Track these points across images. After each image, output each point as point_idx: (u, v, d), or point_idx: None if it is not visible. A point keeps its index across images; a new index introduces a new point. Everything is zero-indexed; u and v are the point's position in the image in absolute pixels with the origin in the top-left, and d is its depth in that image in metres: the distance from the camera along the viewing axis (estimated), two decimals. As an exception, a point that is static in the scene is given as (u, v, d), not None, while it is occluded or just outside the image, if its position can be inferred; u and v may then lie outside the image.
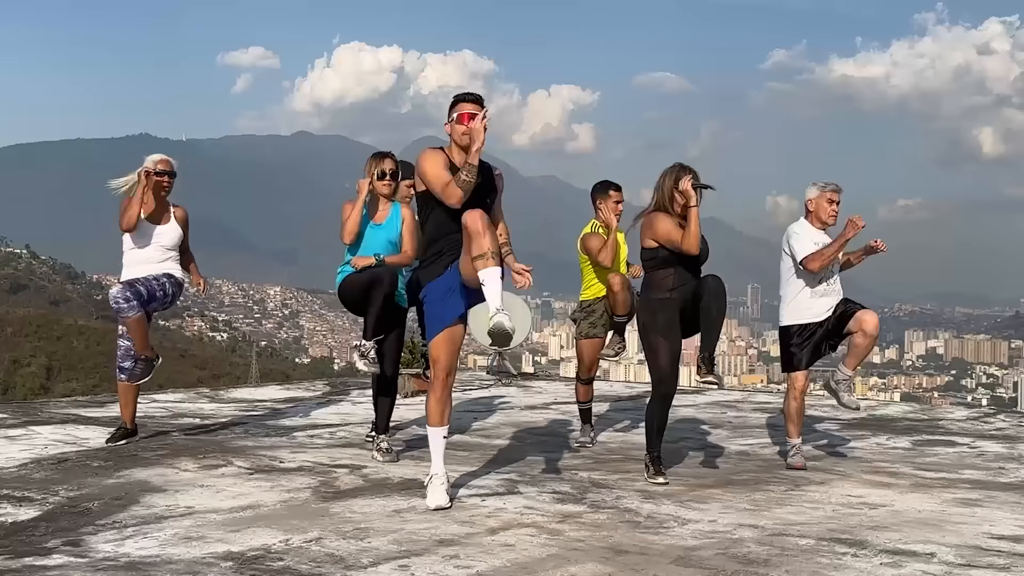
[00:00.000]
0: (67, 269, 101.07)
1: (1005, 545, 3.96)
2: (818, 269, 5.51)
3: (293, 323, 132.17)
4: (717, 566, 3.56)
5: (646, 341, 5.17)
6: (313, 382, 10.55)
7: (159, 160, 5.91)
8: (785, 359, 5.75)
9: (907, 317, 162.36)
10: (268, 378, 48.78)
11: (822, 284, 5.62)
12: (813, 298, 5.62)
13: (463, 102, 4.53)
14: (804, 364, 5.64)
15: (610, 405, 8.53)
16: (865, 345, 5.57)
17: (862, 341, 5.56)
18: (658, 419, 5.18)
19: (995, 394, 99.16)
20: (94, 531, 3.92)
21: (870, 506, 4.65)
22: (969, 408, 9.90)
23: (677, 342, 5.17)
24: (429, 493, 4.44)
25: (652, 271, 5.22)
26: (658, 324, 5.12)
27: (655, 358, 5.12)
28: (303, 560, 3.54)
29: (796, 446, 5.71)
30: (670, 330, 5.11)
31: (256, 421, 7.19)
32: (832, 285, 5.65)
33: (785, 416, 5.79)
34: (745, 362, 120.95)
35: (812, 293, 5.61)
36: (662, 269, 5.15)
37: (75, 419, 7.00)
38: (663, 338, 5.11)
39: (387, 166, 5.59)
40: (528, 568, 3.49)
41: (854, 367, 5.72)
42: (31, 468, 5.17)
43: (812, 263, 5.50)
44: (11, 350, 61.54)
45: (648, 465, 5.17)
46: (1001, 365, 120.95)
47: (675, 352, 5.15)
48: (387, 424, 5.79)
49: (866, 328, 5.50)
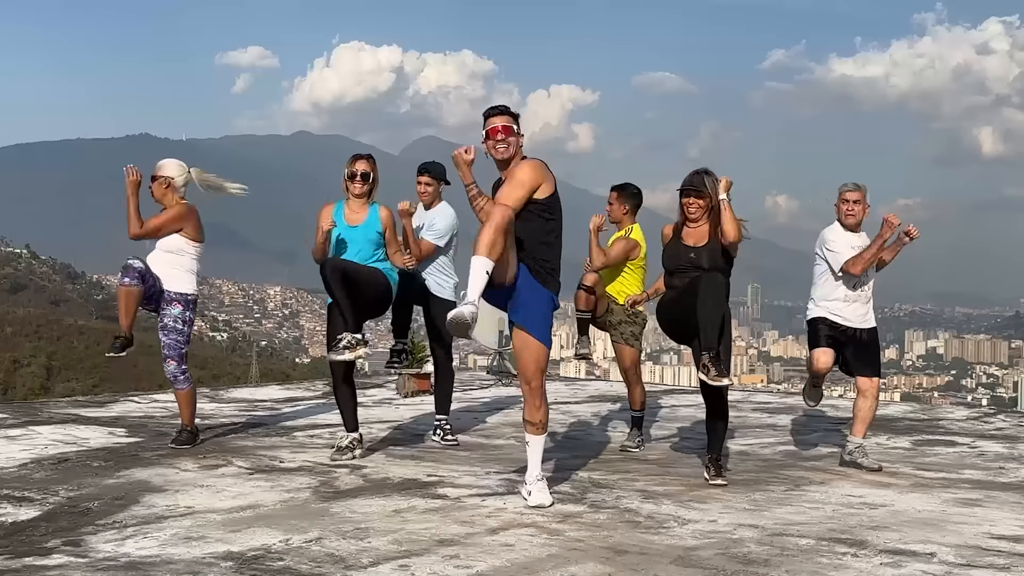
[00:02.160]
0: (67, 269, 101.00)
1: (1005, 545, 3.95)
2: (860, 272, 5.54)
3: (293, 323, 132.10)
4: (717, 566, 3.55)
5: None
6: (313, 382, 10.54)
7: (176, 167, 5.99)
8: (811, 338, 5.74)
9: (907, 317, 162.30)
10: (268, 378, 48.76)
11: (855, 290, 5.63)
12: (844, 302, 5.64)
13: (491, 116, 4.58)
14: (823, 343, 5.63)
15: (610, 405, 8.53)
16: (867, 408, 5.69)
17: (863, 404, 5.70)
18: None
19: (995, 394, 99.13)
20: (94, 531, 3.92)
21: (870, 506, 4.65)
22: (969, 408, 9.90)
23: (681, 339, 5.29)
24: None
25: None
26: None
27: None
28: (303, 560, 3.54)
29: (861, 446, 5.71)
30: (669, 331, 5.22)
31: (256, 421, 7.19)
32: (864, 292, 5.66)
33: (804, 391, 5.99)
34: (745, 362, 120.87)
35: (845, 297, 5.63)
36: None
37: (75, 419, 7.00)
38: None
39: (358, 167, 5.62)
40: (528, 568, 3.49)
41: (863, 433, 5.74)
42: (31, 468, 5.17)
43: (854, 267, 5.52)
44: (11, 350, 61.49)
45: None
46: (1001, 365, 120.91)
47: None
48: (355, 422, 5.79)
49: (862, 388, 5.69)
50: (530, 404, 4.55)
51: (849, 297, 5.63)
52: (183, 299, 5.87)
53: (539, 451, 4.59)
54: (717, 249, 5.10)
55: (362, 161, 5.65)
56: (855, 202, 5.62)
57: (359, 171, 5.60)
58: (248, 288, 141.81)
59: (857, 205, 5.62)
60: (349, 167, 5.63)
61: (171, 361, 5.86)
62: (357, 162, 5.64)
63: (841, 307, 5.64)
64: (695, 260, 5.10)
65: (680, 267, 5.17)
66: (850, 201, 5.63)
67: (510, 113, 4.58)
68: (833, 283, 5.65)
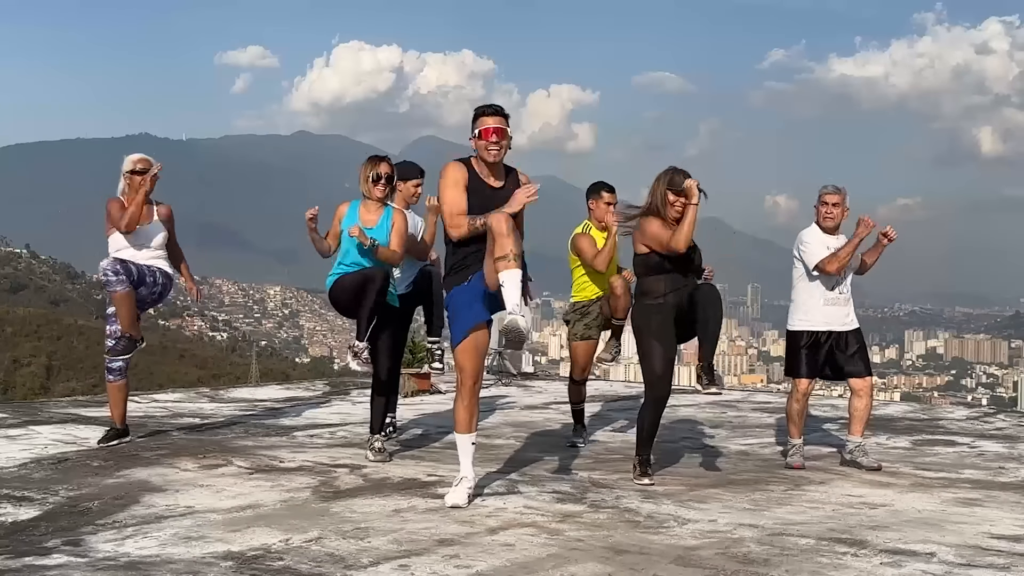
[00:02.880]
0: (67, 269, 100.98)
1: (1005, 545, 3.95)
2: (836, 271, 5.57)
3: (293, 323, 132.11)
4: (717, 566, 3.56)
5: (640, 345, 5.18)
6: (313, 382, 10.55)
7: (137, 159, 5.91)
8: (789, 363, 5.82)
9: (907, 317, 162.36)
10: (268, 378, 48.76)
11: (833, 291, 5.66)
12: (824, 305, 5.67)
13: (484, 116, 4.52)
14: (806, 373, 5.70)
15: (609, 404, 8.54)
16: (863, 407, 5.71)
17: (858, 403, 5.72)
18: (648, 423, 5.16)
19: (995, 394, 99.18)
20: (94, 531, 3.92)
21: (870, 506, 4.65)
22: (969, 408, 9.90)
23: (671, 346, 5.17)
24: (452, 491, 4.49)
25: (644, 276, 5.22)
26: (652, 328, 5.11)
27: (648, 362, 5.12)
28: (303, 560, 3.54)
29: (796, 446, 5.74)
30: (664, 334, 5.10)
31: (256, 421, 7.19)
32: (843, 294, 5.69)
33: (787, 418, 5.82)
34: (745, 362, 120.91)
35: (823, 300, 5.67)
36: (654, 275, 5.15)
37: (75, 419, 7.00)
38: (656, 342, 5.10)
39: (382, 170, 5.58)
40: (528, 568, 3.49)
41: (860, 433, 5.77)
42: (31, 468, 5.17)
43: (829, 265, 5.56)
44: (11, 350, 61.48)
45: (636, 466, 5.18)
46: (1001, 365, 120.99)
47: (669, 356, 5.14)
48: (382, 424, 5.79)
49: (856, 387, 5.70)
50: None
51: (828, 299, 5.66)
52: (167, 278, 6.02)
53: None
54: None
55: (385, 164, 5.63)
56: (834, 205, 5.68)
57: (384, 174, 5.58)
58: (248, 288, 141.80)
59: (836, 208, 5.68)
60: (373, 169, 5.56)
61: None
62: (381, 164, 5.60)
63: (822, 309, 5.67)
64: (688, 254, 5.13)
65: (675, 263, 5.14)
66: (829, 204, 5.68)
67: (503, 114, 4.55)
68: (811, 285, 5.69)
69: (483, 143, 4.51)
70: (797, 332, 5.74)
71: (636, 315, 5.24)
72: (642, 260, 5.19)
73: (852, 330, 5.72)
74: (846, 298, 5.71)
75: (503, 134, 4.51)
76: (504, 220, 4.23)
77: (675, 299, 5.10)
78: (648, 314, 5.15)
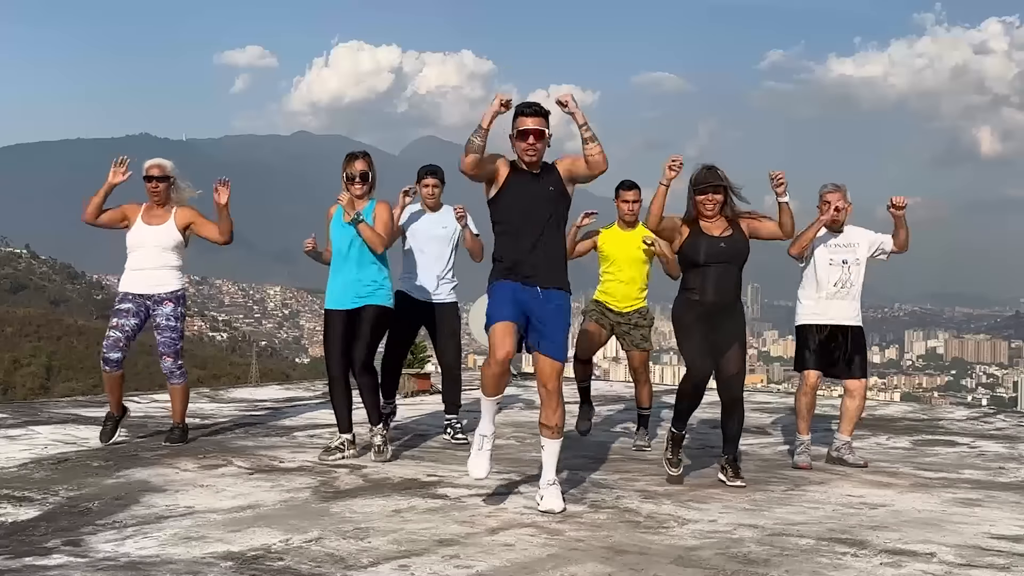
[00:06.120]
0: (67, 269, 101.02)
1: (1005, 545, 3.96)
2: (796, 253, 5.69)
3: (293, 323, 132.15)
4: (717, 566, 3.55)
5: (677, 334, 5.25)
6: (313, 382, 10.54)
7: (151, 165, 5.98)
8: (798, 357, 5.87)
9: (907, 317, 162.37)
10: (268, 378, 48.76)
11: (836, 287, 5.72)
12: (828, 300, 5.74)
13: (523, 115, 4.42)
14: (813, 365, 5.75)
15: (610, 405, 8.53)
16: (854, 407, 5.80)
17: (850, 403, 5.81)
18: (686, 400, 5.14)
19: (995, 394, 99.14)
20: (94, 531, 3.91)
21: (870, 506, 4.65)
22: (969, 408, 9.91)
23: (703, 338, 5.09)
24: (471, 459, 4.47)
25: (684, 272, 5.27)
26: (684, 322, 5.15)
27: (683, 348, 5.16)
28: (303, 560, 3.54)
29: (805, 443, 5.76)
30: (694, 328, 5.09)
31: (256, 421, 7.19)
32: (848, 290, 5.74)
33: (796, 413, 5.87)
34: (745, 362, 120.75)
35: (827, 295, 5.74)
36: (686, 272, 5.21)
37: (75, 419, 7.00)
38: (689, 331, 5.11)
39: (357, 169, 5.58)
40: (528, 568, 3.49)
41: (849, 432, 5.84)
42: (31, 468, 5.17)
43: (792, 248, 5.68)
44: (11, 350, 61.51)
45: (668, 441, 5.24)
46: (1001, 365, 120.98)
47: (701, 345, 5.08)
48: (379, 415, 5.71)
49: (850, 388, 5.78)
50: (546, 407, 4.55)
51: (832, 294, 5.73)
52: (173, 297, 5.94)
53: (554, 456, 4.56)
54: (739, 239, 5.12)
55: (359, 161, 5.59)
56: (830, 203, 5.71)
57: (358, 172, 5.58)
58: (248, 288, 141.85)
59: (831, 206, 5.70)
60: (348, 169, 5.58)
61: (167, 358, 5.93)
62: (355, 162, 5.59)
63: (826, 304, 5.73)
64: (726, 250, 5.11)
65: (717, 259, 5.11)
66: (831, 202, 5.71)
67: (543, 113, 4.44)
68: (817, 281, 5.76)
69: (521, 146, 4.43)
70: (804, 326, 5.80)
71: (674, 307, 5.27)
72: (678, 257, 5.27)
73: (854, 327, 5.76)
74: (853, 295, 5.76)
75: (539, 136, 4.41)
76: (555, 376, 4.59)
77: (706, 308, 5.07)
78: (681, 310, 5.21)
